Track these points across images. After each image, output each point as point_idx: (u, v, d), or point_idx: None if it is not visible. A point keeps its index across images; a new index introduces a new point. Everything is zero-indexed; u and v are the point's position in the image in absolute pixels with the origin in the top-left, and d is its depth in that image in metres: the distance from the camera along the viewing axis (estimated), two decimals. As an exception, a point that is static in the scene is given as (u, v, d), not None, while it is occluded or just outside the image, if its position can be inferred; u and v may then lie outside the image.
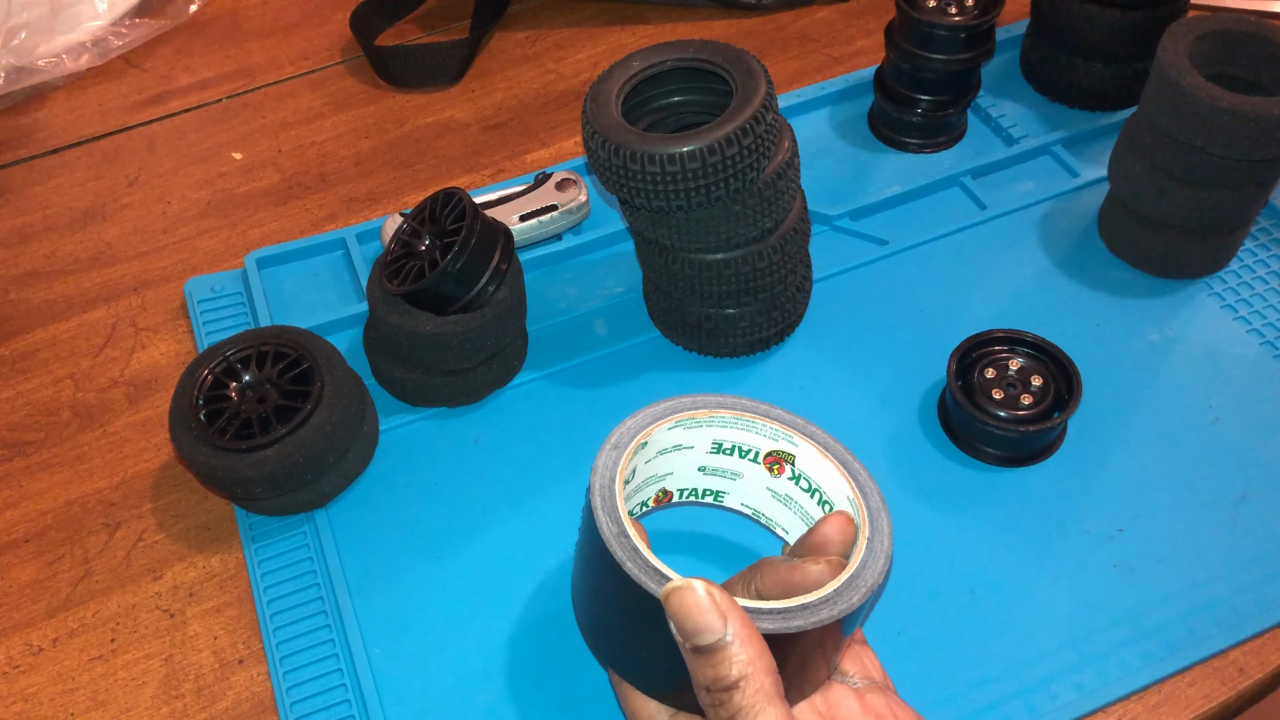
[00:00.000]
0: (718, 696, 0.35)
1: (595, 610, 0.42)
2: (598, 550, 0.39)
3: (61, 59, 0.83)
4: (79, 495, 0.58)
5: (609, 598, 0.40)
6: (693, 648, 0.36)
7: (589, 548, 0.41)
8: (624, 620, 0.40)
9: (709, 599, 0.35)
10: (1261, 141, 0.54)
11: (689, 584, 0.36)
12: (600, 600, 0.41)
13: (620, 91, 0.54)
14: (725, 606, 0.35)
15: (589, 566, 0.41)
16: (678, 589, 0.36)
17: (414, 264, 0.55)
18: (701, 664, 0.35)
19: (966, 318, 0.62)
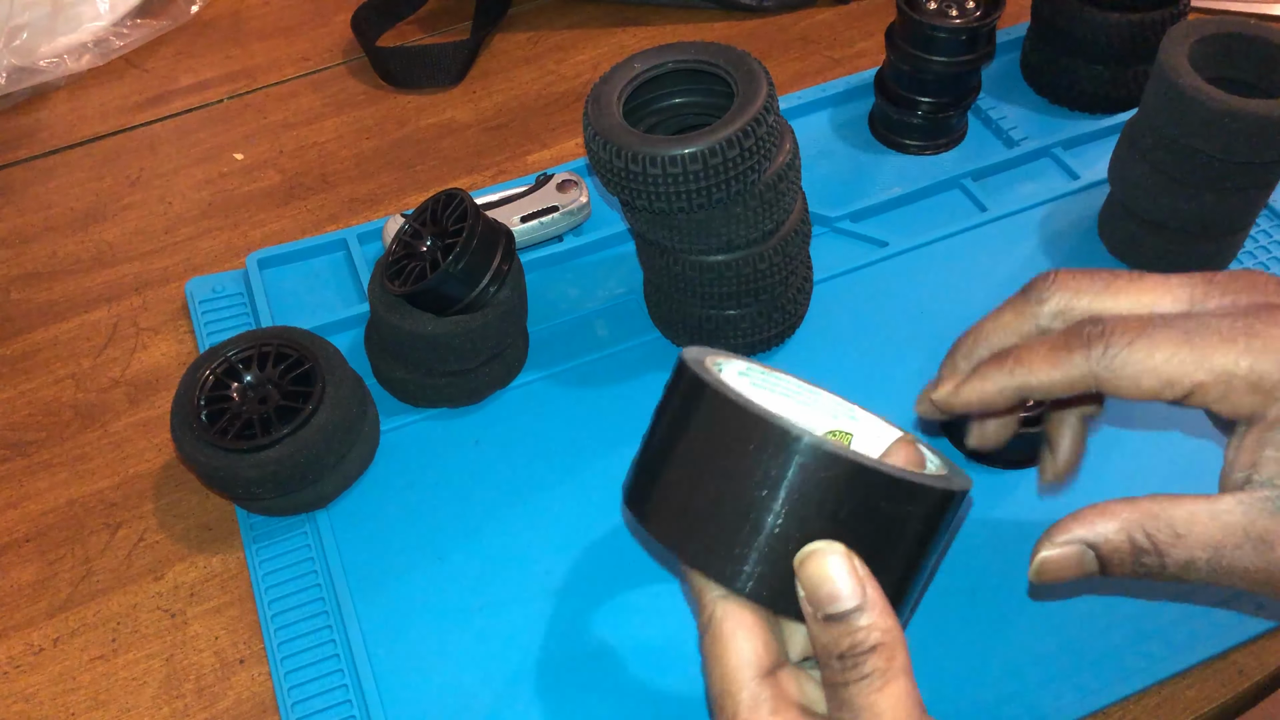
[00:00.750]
0: (851, 662, 0.33)
1: (681, 479, 0.36)
2: (709, 402, 0.35)
3: (63, 59, 0.83)
4: (80, 495, 0.58)
5: (702, 446, 0.35)
6: (825, 616, 0.33)
7: (689, 407, 0.36)
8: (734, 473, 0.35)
9: (847, 563, 0.33)
10: (1262, 144, 0.54)
11: (823, 547, 0.33)
12: (690, 457, 0.36)
13: (621, 93, 0.54)
14: (864, 574, 0.33)
15: (685, 431, 0.36)
16: (817, 552, 0.33)
17: (415, 265, 0.55)
18: (836, 633, 0.33)
19: (967, 319, 0.61)
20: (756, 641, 0.35)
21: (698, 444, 0.36)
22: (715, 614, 0.35)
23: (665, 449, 0.37)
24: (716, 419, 0.35)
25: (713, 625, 0.35)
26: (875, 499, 0.34)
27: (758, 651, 0.35)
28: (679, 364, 0.38)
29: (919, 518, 0.35)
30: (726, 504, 0.34)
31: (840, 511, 0.34)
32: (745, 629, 0.35)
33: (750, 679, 0.34)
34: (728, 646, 0.35)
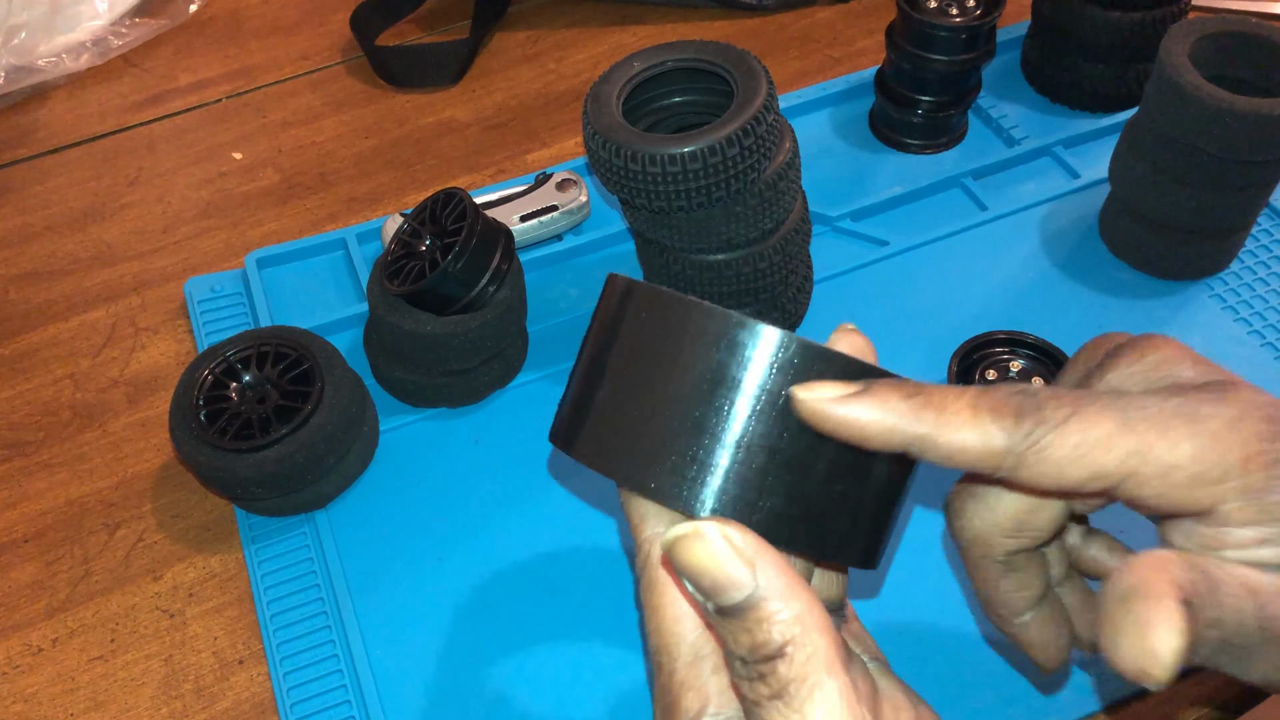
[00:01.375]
0: (757, 669, 0.26)
1: (610, 393, 0.31)
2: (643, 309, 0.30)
3: (61, 58, 0.83)
4: (79, 495, 0.58)
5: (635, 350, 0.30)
6: (717, 609, 0.27)
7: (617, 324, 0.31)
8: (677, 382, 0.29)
9: (727, 543, 0.26)
10: (1262, 142, 0.54)
11: (695, 529, 0.27)
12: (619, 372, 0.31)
13: (621, 92, 0.54)
14: (752, 550, 0.26)
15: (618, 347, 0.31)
16: (683, 538, 0.27)
17: (414, 264, 0.55)
18: (732, 628, 0.27)
19: (967, 319, 0.62)
20: (683, 595, 0.29)
21: (634, 353, 0.30)
22: (652, 555, 0.30)
23: (595, 369, 0.31)
24: (652, 319, 0.30)
25: (649, 569, 0.29)
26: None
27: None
28: (608, 281, 0.33)
29: None
30: (675, 411, 0.29)
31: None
32: None
33: (690, 630, 0.29)
34: (665, 593, 0.29)
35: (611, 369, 0.31)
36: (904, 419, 0.28)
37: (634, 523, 0.31)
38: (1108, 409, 0.27)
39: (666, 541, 0.27)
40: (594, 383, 0.31)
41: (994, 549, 0.32)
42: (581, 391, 0.32)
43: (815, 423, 0.28)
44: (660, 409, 0.29)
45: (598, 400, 0.31)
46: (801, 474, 0.29)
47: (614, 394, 0.30)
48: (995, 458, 0.27)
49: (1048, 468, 0.27)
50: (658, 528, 0.30)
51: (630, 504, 0.31)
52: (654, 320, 0.30)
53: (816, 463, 0.29)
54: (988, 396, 0.28)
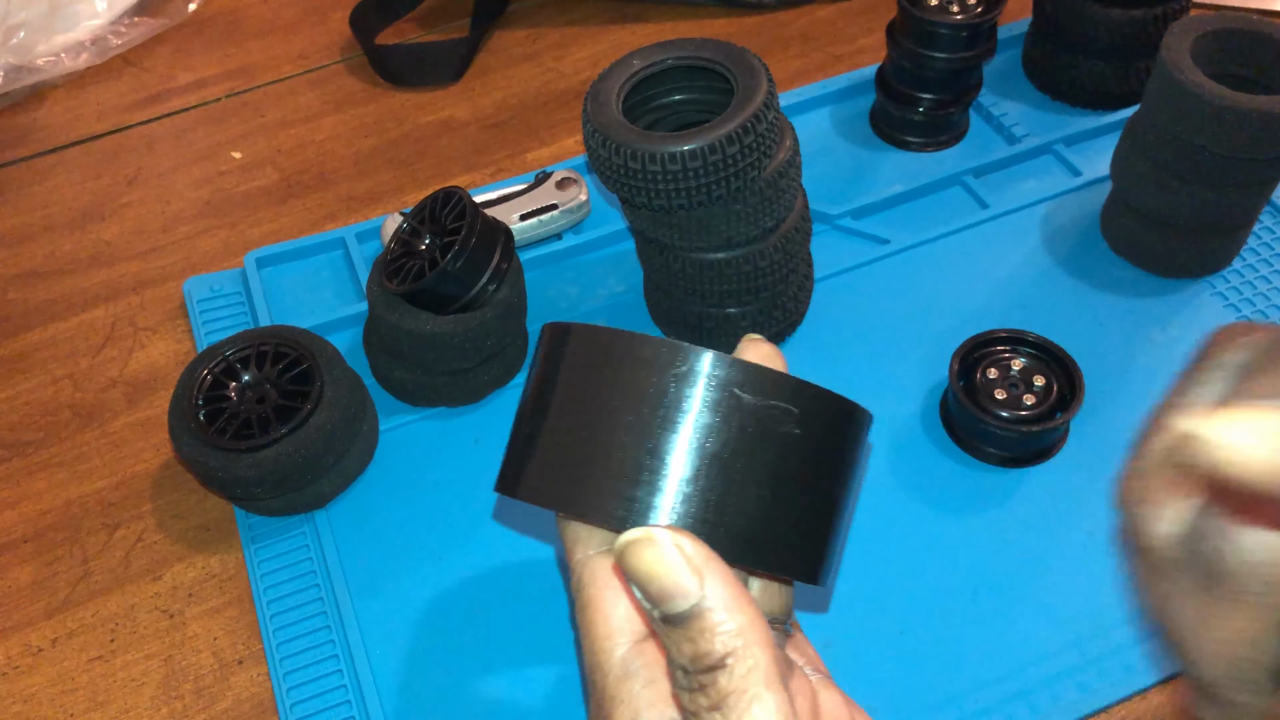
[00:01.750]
0: (698, 679, 0.26)
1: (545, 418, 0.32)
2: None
3: (60, 58, 0.82)
4: (78, 495, 0.58)
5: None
6: (662, 616, 0.27)
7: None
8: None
9: (678, 552, 0.27)
10: (1264, 140, 0.54)
11: (648, 535, 0.27)
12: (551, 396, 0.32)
13: (621, 90, 0.53)
14: (701, 560, 0.27)
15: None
16: (635, 543, 0.27)
17: (414, 263, 0.55)
18: (675, 637, 0.27)
19: (968, 317, 0.62)
20: (629, 601, 0.30)
21: (572, 387, 0.32)
22: (583, 577, 0.30)
23: (535, 411, 0.33)
24: (587, 352, 0.31)
25: (581, 590, 0.30)
26: (756, 407, 0.30)
27: (630, 613, 0.30)
28: (542, 331, 0.34)
29: (818, 424, 0.31)
30: (614, 436, 0.30)
31: (736, 424, 0.30)
32: (616, 589, 0.30)
33: (620, 645, 0.29)
34: (597, 611, 0.30)
35: (551, 407, 0.32)
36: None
37: (568, 546, 0.32)
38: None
39: (619, 545, 0.27)
40: (534, 423, 0.32)
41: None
42: (522, 434, 0.33)
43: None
44: (599, 435, 0.30)
45: (539, 439, 0.32)
46: (741, 487, 0.30)
47: (553, 429, 0.31)
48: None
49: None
50: (589, 550, 0.31)
51: (565, 528, 0.32)
52: (589, 353, 0.31)
53: (757, 475, 0.30)
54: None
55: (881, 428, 0.57)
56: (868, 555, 0.52)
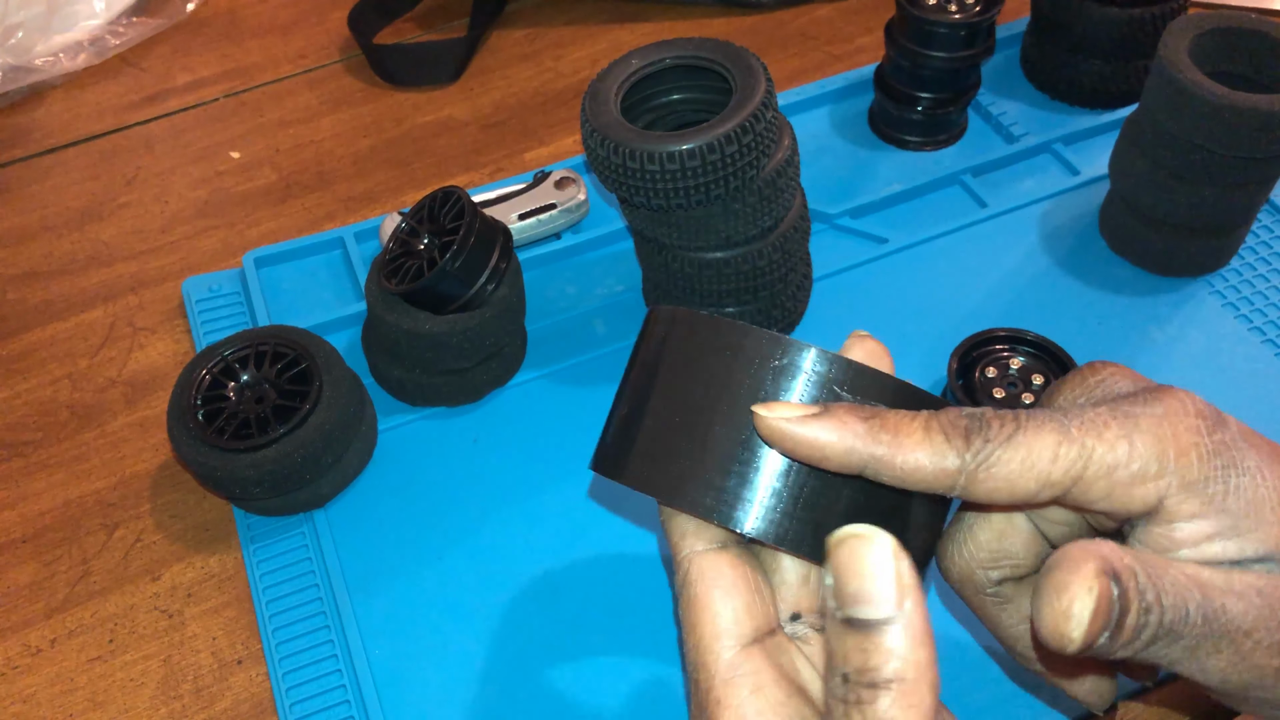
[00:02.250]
0: (856, 692, 0.26)
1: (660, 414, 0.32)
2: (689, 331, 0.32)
3: (59, 58, 0.82)
4: (77, 495, 0.58)
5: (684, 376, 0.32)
6: (845, 618, 0.26)
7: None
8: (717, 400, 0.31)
9: (893, 564, 0.26)
10: (1263, 138, 0.54)
11: (874, 534, 0.27)
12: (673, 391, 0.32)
13: (619, 89, 0.53)
14: (910, 582, 0.26)
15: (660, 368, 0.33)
16: (857, 538, 0.27)
17: (412, 263, 0.55)
18: (852, 643, 0.26)
19: (967, 316, 0.62)
20: (737, 603, 0.30)
21: (679, 375, 0.32)
22: (690, 573, 0.30)
23: (640, 396, 0.33)
24: (698, 342, 0.32)
25: (687, 587, 0.30)
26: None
27: (738, 616, 0.30)
28: (651, 312, 0.35)
29: None
30: (716, 428, 0.30)
31: None
32: (724, 589, 0.30)
33: (727, 648, 0.29)
34: (704, 611, 0.30)
35: (656, 393, 0.32)
36: (860, 440, 0.28)
37: (674, 540, 0.31)
38: (1048, 422, 0.28)
39: (840, 535, 0.27)
40: (639, 408, 0.32)
41: (980, 583, 0.33)
42: (627, 418, 0.33)
43: (774, 441, 0.29)
44: (695, 423, 0.30)
45: (638, 424, 0.32)
46: (834, 488, 0.30)
47: (651, 414, 0.32)
48: (949, 476, 0.28)
49: (999, 482, 0.28)
50: (697, 545, 0.31)
51: (671, 522, 0.32)
52: (699, 342, 0.31)
53: (854, 482, 0.30)
54: (939, 419, 0.29)
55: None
56: (867, 554, 0.52)
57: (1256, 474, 0.28)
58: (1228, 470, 0.28)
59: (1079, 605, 0.26)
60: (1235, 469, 0.28)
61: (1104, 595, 0.26)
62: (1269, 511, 0.28)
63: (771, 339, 0.30)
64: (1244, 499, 0.28)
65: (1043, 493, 0.28)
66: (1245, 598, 0.27)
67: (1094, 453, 0.28)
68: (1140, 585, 0.26)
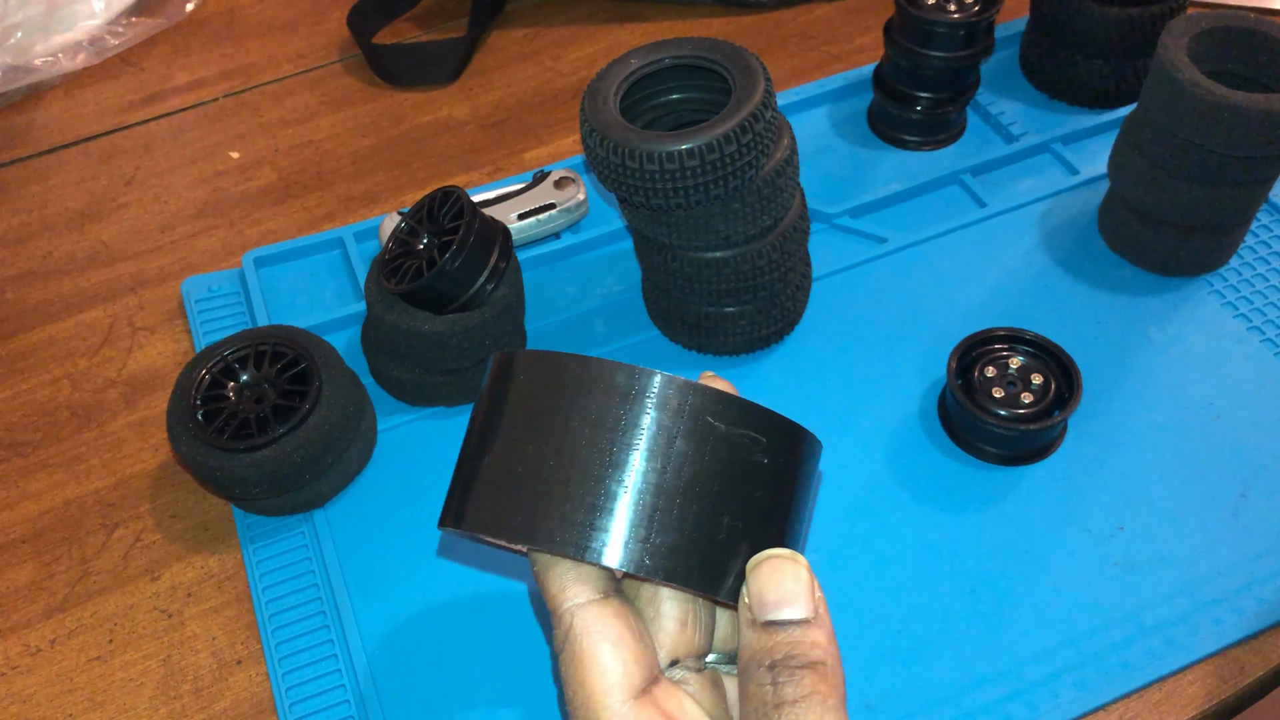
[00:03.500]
0: (786, 673, 0.29)
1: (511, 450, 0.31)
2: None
3: (58, 58, 0.82)
4: (76, 496, 0.58)
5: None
6: (767, 621, 0.30)
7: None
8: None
9: (808, 577, 0.30)
10: (1261, 138, 0.54)
11: (789, 554, 0.30)
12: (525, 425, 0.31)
13: (618, 89, 0.53)
14: (820, 594, 0.31)
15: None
16: (775, 557, 0.30)
17: (412, 263, 0.55)
18: (777, 639, 0.29)
19: (966, 316, 0.62)
20: (625, 654, 0.30)
21: (521, 414, 0.31)
22: (574, 627, 0.30)
23: (482, 440, 0.32)
24: (537, 378, 0.31)
25: (571, 641, 0.30)
26: (733, 436, 0.30)
27: (627, 668, 0.30)
28: (492, 360, 0.34)
29: (783, 454, 0.31)
30: (565, 462, 0.30)
31: (707, 453, 0.30)
32: (611, 642, 0.30)
33: (617, 701, 0.29)
34: (591, 666, 0.29)
35: (499, 435, 0.31)
36: None
37: (552, 593, 0.31)
38: None
39: (761, 557, 0.30)
40: (481, 453, 0.31)
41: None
42: (470, 465, 0.32)
43: None
44: (550, 462, 0.30)
45: (485, 468, 0.31)
46: (711, 515, 0.30)
47: (503, 458, 0.31)
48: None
49: None
50: (579, 598, 0.31)
51: (547, 573, 0.31)
52: (538, 379, 0.31)
53: (728, 504, 0.30)
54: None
55: (879, 426, 0.57)
56: (866, 553, 0.52)
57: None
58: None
59: None
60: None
61: None
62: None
63: (628, 371, 0.30)
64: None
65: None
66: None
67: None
68: None
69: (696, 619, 0.33)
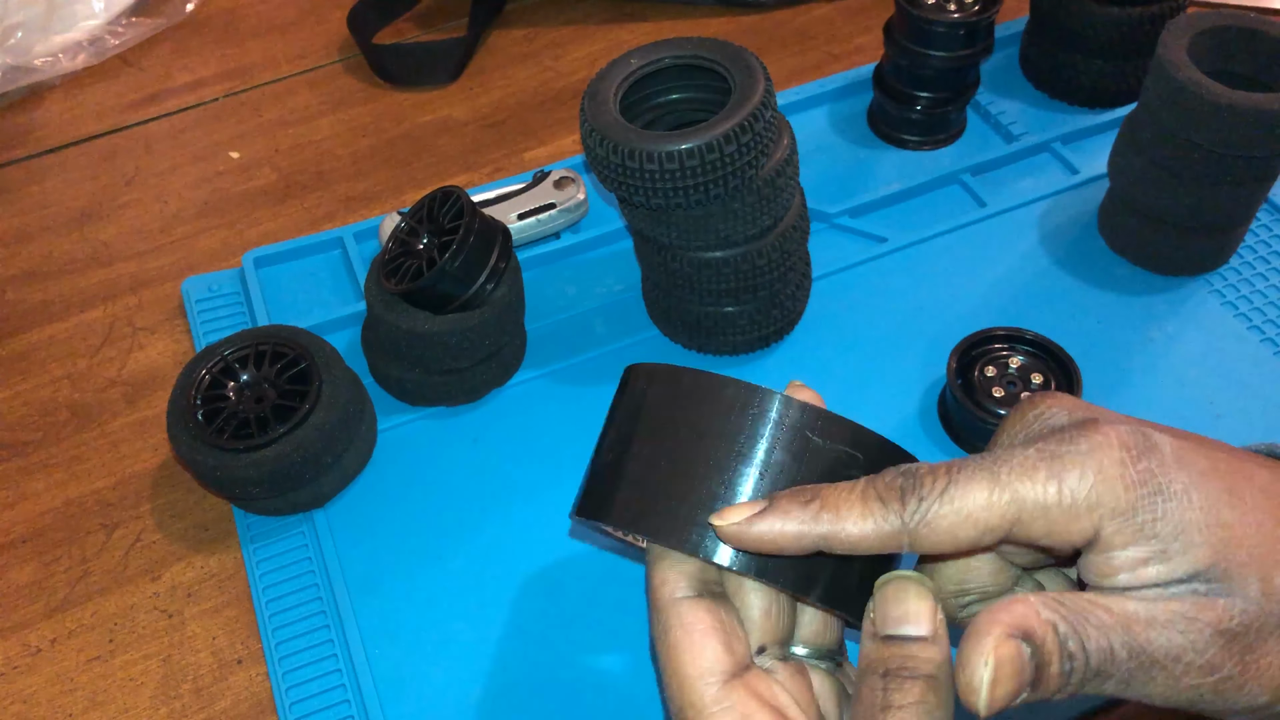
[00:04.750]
0: (897, 681, 0.30)
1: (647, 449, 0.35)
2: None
3: (58, 58, 0.82)
4: (77, 495, 0.58)
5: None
6: (887, 635, 0.31)
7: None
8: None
9: (931, 599, 0.31)
10: (1261, 137, 0.54)
11: (914, 576, 0.32)
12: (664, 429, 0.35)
13: (618, 89, 0.53)
14: (942, 617, 0.31)
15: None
16: (900, 577, 0.31)
17: (412, 263, 0.55)
18: (892, 651, 0.31)
19: (966, 315, 0.62)
20: (717, 643, 0.32)
21: (662, 425, 0.35)
22: (671, 618, 0.33)
23: (621, 446, 0.36)
24: (677, 393, 0.35)
25: (670, 630, 0.33)
26: (824, 449, 0.33)
27: (719, 654, 0.32)
28: (627, 371, 0.38)
29: (876, 469, 0.33)
30: (701, 472, 0.33)
31: (803, 464, 0.33)
32: (703, 631, 0.32)
33: (711, 685, 0.32)
34: (686, 651, 0.32)
35: (639, 442, 0.35)
36: (806, 524, 0.31)
37: (655, 584, 0.34)
38: (978, 471, 0.30)
39: (889, 577, 0.32)
40: (622, 457, 0.35)
41: (951, 609, 0.35)
42: (611, 467, 0.36)
43: (734, 545, 0.32)
44: (686, 471, 0.33)
45: (627, 471, 0.35)
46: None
47: (643, 464, 0.35)
48: (894, 538, 0.31)
49: (941, 535, 0.30)
50: (676, 593, 0.33)
51: (655, 567, 0.34)
52: (678, 394, 0.35)
53: None
54: (875, 485, 0.31)
55: (879, 426, 0.56)
56: (866, 553, 0.52)
57: (1184, 497, 0.29)
58: (1154, 497, 0.29)
59: (977, 678, 0.28)
60: (1162, 495, 0.29)
61: (1007, 660, 0.28)
62: (1196, 534, 0.29)
63: (748, 388, 0.33)
64: (1171, 523, 0.29)
65: (984, 538, 0.30)
66: (1170, 627, 0.29)
67: (1026, 497, 0.30)
68: (1062, 635, 0.29)
69: (779, 609, 0.35)
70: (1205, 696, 0.29)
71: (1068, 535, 0.30)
